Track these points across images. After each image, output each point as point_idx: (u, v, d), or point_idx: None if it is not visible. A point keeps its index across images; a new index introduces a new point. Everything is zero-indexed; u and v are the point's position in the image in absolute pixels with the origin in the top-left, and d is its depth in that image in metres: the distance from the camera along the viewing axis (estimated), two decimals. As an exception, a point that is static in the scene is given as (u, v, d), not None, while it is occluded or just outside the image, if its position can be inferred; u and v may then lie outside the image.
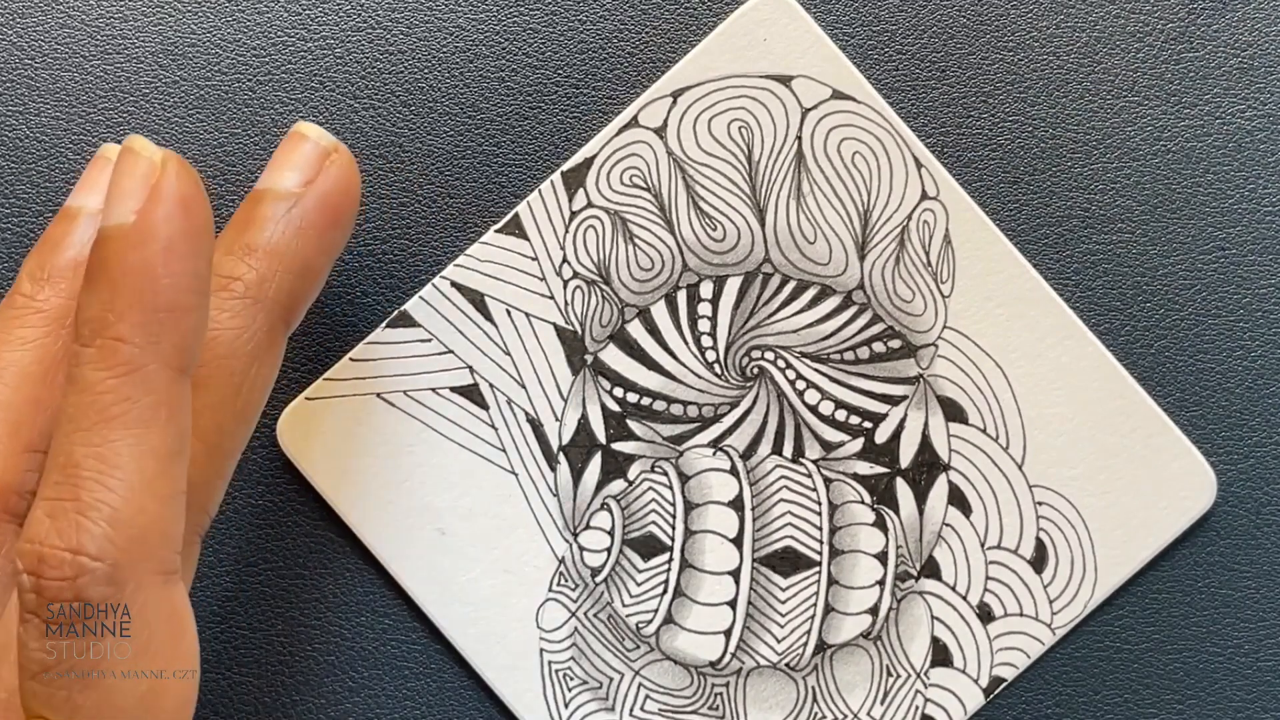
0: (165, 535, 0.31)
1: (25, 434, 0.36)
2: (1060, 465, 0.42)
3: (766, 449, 0.42)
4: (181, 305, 0.31)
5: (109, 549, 0.30)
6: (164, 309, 0.31)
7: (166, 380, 0.31)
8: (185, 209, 0.32)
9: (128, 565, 0.30)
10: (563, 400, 0.42)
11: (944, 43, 0.42)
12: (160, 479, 0.31)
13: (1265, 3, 0.42)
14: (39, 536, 0.30)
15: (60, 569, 0.30)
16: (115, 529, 0.30)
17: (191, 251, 0.32)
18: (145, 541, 0.31)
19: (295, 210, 0.37)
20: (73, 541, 0.30)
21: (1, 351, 0.36)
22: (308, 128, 0.38)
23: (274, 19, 0.42)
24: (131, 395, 0.31)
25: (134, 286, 0.31)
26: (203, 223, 0.32)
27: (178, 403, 0.32)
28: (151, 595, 0.31)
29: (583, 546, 0.42)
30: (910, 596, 0.42)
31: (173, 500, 0.32)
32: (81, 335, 0.31)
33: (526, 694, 0.41)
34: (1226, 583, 0.42)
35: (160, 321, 0.31)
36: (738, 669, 0.42)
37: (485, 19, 0.42)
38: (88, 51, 0.42)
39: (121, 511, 0.30)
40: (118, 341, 0.31)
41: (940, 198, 0.41)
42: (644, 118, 0.42)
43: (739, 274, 0.42)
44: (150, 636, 0.31)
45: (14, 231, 0.41)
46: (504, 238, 0.42)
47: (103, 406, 0.31)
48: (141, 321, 0.31)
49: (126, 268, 0.31)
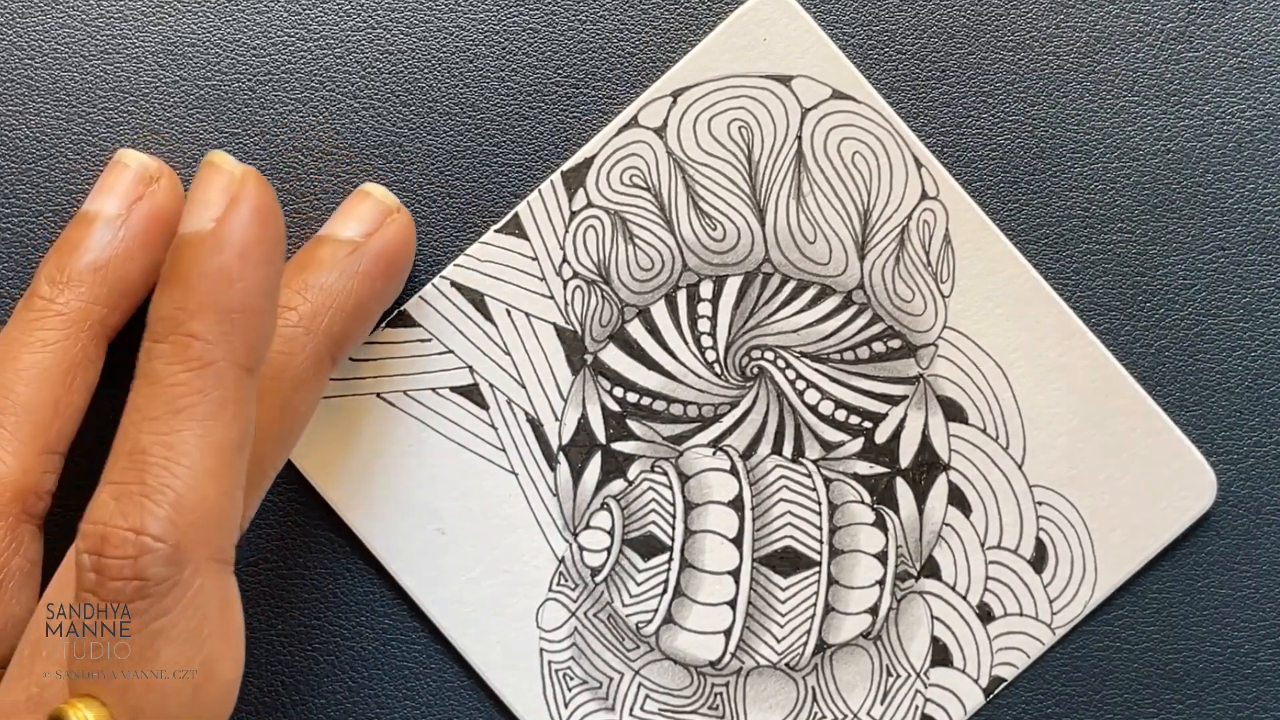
0: (224, 524, 0.32)
1: (44, 436, 0.37)
2: (1060, 465, 0.42)
3: (766, 449, 0.42)
4: (253, 308, 0.33)
5: (171, 531, 0.31)
6: (237, 310, 0.32)
7: (234, 377, 0.32)
8: (261, 218, 0.33)
9: (188, 548, 0.31)
10: (563, 400, 0.42)
11: (944, 43, 0.42)
12: (223, 470, 0.32)
13: (1265, 3, 0.42)
14: (103, 518, 0.31)
15: (122, 548, 0.31)
16: (178, 513, 0.31)
17: (265, 258, 0.33)
18: (205, 527, 0.32)
19: (354, 256, 0.38)
20: (136, 522, 0.31)
21: (21, 353, 0.37)
22: (373, 188, 0.40)
23: (274, 19, 0.42)
24: (201, 389, 0.32)
25: (209, 288, 0.32)
26: (277, 233, 0.34)
27: (244, 400, 0.33)
28: (207, 580, 0.32)
29: (582, 546, 0.42)
30: (910, 596, 0.42)
31: (233, 492, 0.33)
32: (155, 332, 0.32)
33: (526, 694, 0.41)
34: (1226, 583, 0.42)
35: (232, 321, 0.32)
36: (737, 669, 0.42)
37: (485, 19, 0.42)
38: (88, 51, 0.42)
39: (185, 497, 0.31)
40: (190, 338, 0.32)
41: (940, 197, 0.41)
42: (644, 117, 0.42)
43: (739, 274, 0.42)
44: (203, 620, 0.32)
45: (14, 231, 0.42)
46: (504, 237, 0.42)
47: (172, 398, 0.32)
48: (215, 320, 0.32)
49: (203, 270, 0.32)
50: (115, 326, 0.39)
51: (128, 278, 0.39)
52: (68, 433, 0.37)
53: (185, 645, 0.32)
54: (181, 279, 0.33)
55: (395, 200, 0.40)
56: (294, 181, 0.41)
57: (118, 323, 0.39)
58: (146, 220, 0.39)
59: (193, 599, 0.32)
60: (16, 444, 0.36)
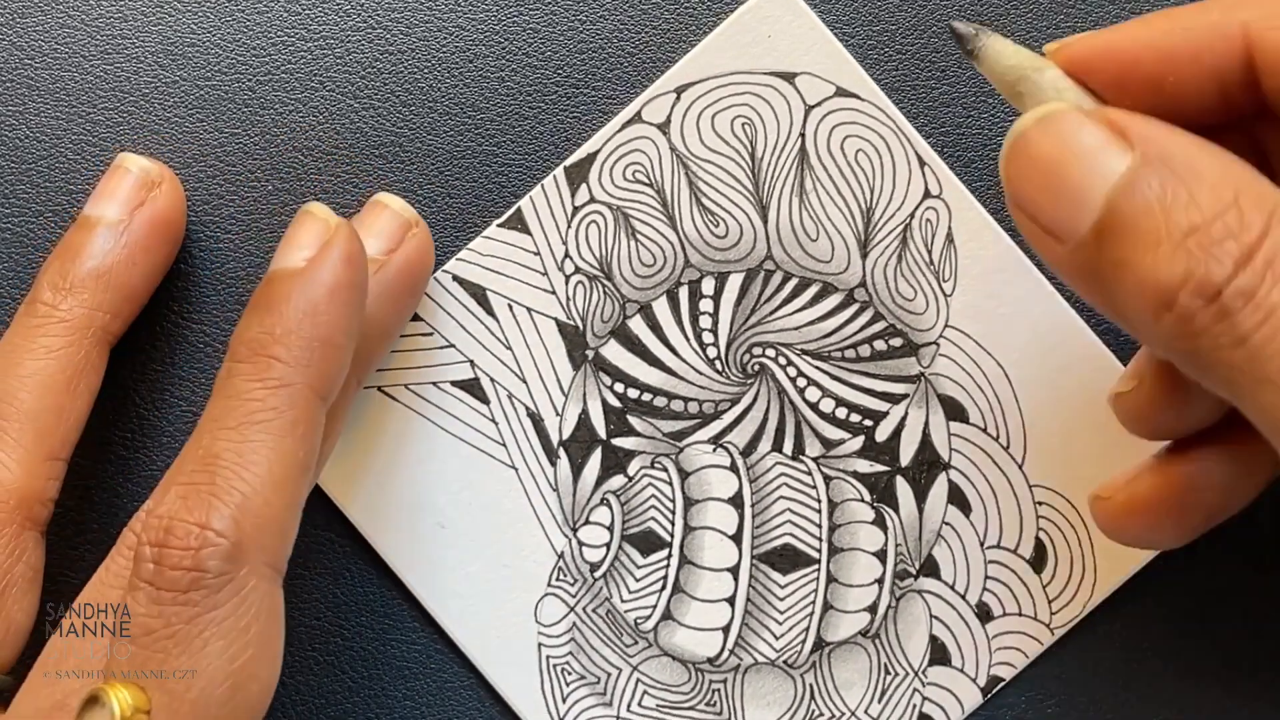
0: (283, 534, 0.34)
1: (48, 442, 0.37)
2: (1060, 465, 0.41)
3: (767, 446, 0.42)
4: (333, 342, 0.35)
5: (234, 529, 0.33)
6: (319, 341, 0.35)
7: (308, 401, 0.35)
8: (350, 265, 0.36)
9: (247, 548, 0.33)
10: (563, 395, 0.42)
11: (945, 42, 0.42)
12: (288, 484, 0.34)
13: (1268, 7, 0.41)
14: (170, 512, 0.33)
15: (186, 539, 0.32)
16: (243, 514, 0.33)
17: (349, 301, 0.36)
18: (266, 532, 0.33)
19: (378, 277, 0.39)
20: (202, 517, 0.32)
21: (25, 359, 0.38)
22: (389, 199, 0.41)
23: (274, 19, 0.42)
24: (277, 407, 0.34)
25: (296, 318, 0.35)
26: (363, 280, 0.36)
27: (314, 424, 0.35)
28: (260, 583, 0.33)
29: (582, 542, 0.42)
30: (909, 595, 0.42)
31: (294, 507, 0.34)
32: (238, 353, 0.35)
33: (524, 689, 0.42)
34: (1226, 582, 0.42)
35: (313, 350, 0.35)
36: (736, 666, 0.42)
37: (485, 19, 0.42)
38: (88, 51, 0.42)
39: (251, 500, 0.33)
40: (273, 359, 0.34)
41: (943, 196, 0.41)
42: (647, 113, 0.41)
43: (741, 270, 0.42)
44: (252, 620, 0.33)
45: (14, 232, 0.42)
46: (506, 232, 0.42)
47: (249, 411, 0.34)
48: (298, 347, 0.34)
49: (293, 301, 0.35)
50: (117, 333, 0.39)
51: (130, 284, 0.39)
52: (71, 439, 0.38)
53: (231, 642, 0.33)
54: (272, 308, 0.35)
55: (413, 213, 0.40)
56: (294, 181, 0.41)
57: (120, 329, 0.39)
58: (148, 226, 0.39)
59: (245, 598, 0.33)
60: (21, 451, 0.37)
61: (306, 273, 0.35)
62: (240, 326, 0.35)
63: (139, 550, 0.33)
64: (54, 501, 0.38)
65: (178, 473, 0.34)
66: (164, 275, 0.40)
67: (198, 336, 0.42)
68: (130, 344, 0.40)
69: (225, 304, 0.42)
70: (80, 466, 0.38)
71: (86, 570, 0.40)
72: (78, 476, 0.38)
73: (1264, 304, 0.27)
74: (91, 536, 0.41)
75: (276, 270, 0.36)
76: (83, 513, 0.41)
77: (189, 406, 0.42)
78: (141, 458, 0.42)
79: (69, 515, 0.37)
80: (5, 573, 0.36)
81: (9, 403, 0.37)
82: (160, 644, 0.32)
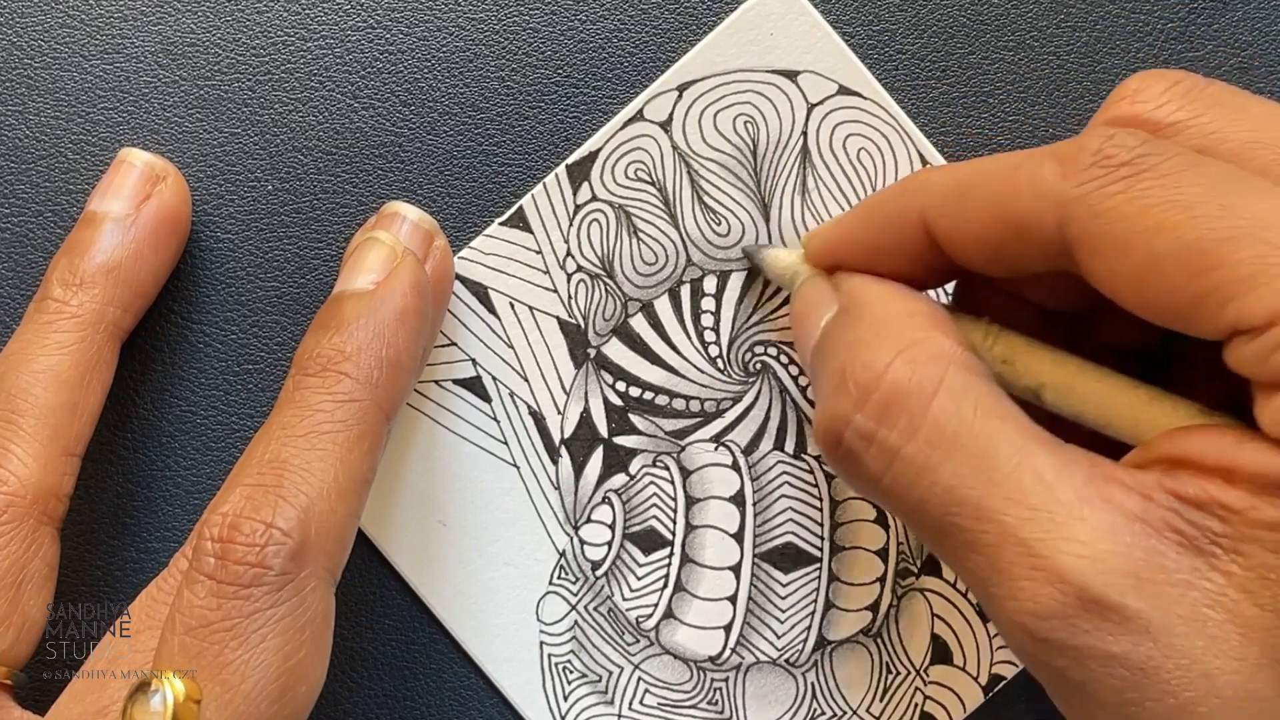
0: (343, 541, 0.35)
1: (64, 438, 0.37)
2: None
3: (768, 444, 0.42)
4: (400, 365, 0.36)
5: (299, 529, 0.33)
6: (388, 362, 0.36)
7: (375, 417, 0.36)
8: (418, 291, 0.37)
9: (310, 550, 0.34)
10: (565, 394, 0.42)
11: (945, 42, 0.42)
12: (351, 494, 0.35)
13: (1265, 3, 0.41)
14: (236, 509, 0.33)
15: (251, 536, 0.33)
16: (308, 517, 0.34)
17: (416, 326, 0.37)
18: (328, 537, 0.34)
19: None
20: (268, 516, 0.33)
21: (38, 355, 0.38)
22: (406, 208, 0.40)
23: (274, 19, 0.42)
24: (345, 420, 0.35)
25: (366, 338, 0.36)
26: (427, 308, 0.38)
27: (378, 440, 0.36)
28: (319, 586, 0.34)
29: (584, 540, 0.42)
30: (911, 593, 0.42)
31: (353, 518, 0.35)
32: (307, 367, 0.36)
33: (526, 687, 0.42)
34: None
35: (382, 370, 0.36)
36: (737, 664, 0.42)
37: (485, 19, 0.42)
38: (88, 51, 0.42)
39: (316, 505, 0.34)
40: (342, 375, 0.36)
41: (944, 194, 0.41)
42: (649, 111, 0.41)
43: (743, 269, 0.42)
44: (308, 622, 0.34)
45: (14, 232, 0.42)
46: (508, 230, 0.42)
47: (317, 422, 0.35)
48: (367, 365, 0.36)
49: (363, 322, 0.36)
50: (128, 328, 0.39)
51: (139, 278, 0.39)
52: (85, 435, 0.38)
53: (288, 640, 0.33)
54: (342, 326, 0.36)
55: (432, 222, 0.40)
56: (294, 181, 0.41)
57: (130, 323, 0.39)
58: (155, 220, 0.39)
59: (304, 599, 0.33)
60: (37, 446, 0.37)
61: (376, 295, 0.37)
62: (307, 343, 0.36)
63: (199, 545, 0.33)
64: (69, 497, 0.38)
65: (243, 474, 0.34)
66: (172, 270, 0.41)
67: (198, 336, 0.42)
68: (130, 343, 0.40)
69: (225, 303, 0.42)
70: (82, 466, 0.38)
71: (87, 570, 0.40)
72: (79, 475, 0.38)
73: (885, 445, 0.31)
74: (93, 536, 0.41)
75: (344, 291, 0.37)
76: (84, 512, 0.41)
77: (189, 405, 0.42)
78: (142, 457, 0.42)
79: (70, 515, 0.37)
80: (22, 568, 0.36)
81: (24, 399, 0.37)
82: (216, 635, 0.32)
